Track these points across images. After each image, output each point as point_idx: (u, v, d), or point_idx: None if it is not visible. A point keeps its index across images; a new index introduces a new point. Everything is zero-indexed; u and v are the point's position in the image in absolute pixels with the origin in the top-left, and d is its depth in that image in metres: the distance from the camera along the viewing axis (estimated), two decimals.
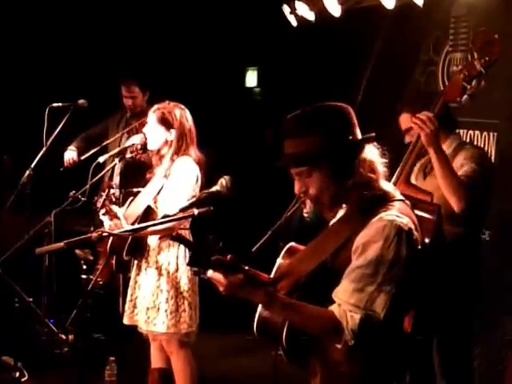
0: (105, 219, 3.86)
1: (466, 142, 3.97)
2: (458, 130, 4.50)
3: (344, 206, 2.34)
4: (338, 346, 2.23)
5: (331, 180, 2.28)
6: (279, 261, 2.52)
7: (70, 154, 5.73)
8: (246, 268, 2.28)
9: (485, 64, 3.37)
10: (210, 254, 2.23)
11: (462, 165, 3.60)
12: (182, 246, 3.95)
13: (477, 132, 4.47)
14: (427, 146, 3.51)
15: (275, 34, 6.56)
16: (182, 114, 3.97)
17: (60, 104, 4.78)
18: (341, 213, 2.37)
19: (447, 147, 3.72)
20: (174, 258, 3.95)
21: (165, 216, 2.73)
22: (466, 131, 4.58)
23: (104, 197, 3.80)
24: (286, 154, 2.32)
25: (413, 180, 3.87)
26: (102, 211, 3.81)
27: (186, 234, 4.01)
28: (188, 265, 2.28)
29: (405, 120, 3.82)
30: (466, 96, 3.50)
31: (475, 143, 4.48)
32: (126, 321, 4.08)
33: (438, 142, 3.52)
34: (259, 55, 7.13)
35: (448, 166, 3.52)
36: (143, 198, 3.98)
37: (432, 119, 3.46)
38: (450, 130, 3.77)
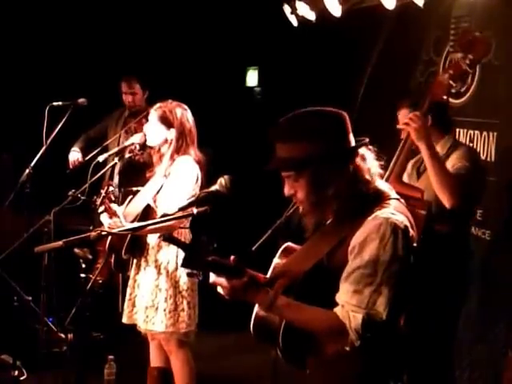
0: (104, 217, 3.86)
1: (459, 143, 4.01)
2: (458, 130, 4.51)
3: (338, 206, 2.33)
4: (347, 349, 2.22)
5: (313, 188, 2.28)
6: (276, 260, 2.53)
7: (75, 155, 5.75)
8: (248, 270, 2.28)
9: (470, 63, 3.41)
10: (204, 255, 2.22)
11: (454, 164, 3.65)
12: None
13: (477, 132, 4.47)
14: (417, 141, 3.55)
15: (276, 34, 6.57)
16: (183, 114, 3.98)
17: (60, 103, 4.78)
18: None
19: (441, 148, 3.77)
20: (173, 256, 3.95)
21: (164, 215, 2.72)
22: (465, 131, 4.58)
23: (103, 194, 3.80)
24: (277, 157, 2.31)
25: (405, 179, 3.91)
26: (101, 208, 3.81)
27: (186, 233, 4.02)
28: (182, 266, 2.27)
29: (404, 116, 3.83)
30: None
31: (475, 143, 4.49)
32: (125, 320, 4.08)
33: (428, 138, 3.56)
34: (260, 55, 7.13)
35: (439, 162, 3.56)
36: (143, 196, 3.99)
37: (418, 116, 3.53)
38: (444, 132, 3.83)
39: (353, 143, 2.33)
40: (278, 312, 2.30)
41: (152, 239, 3.99)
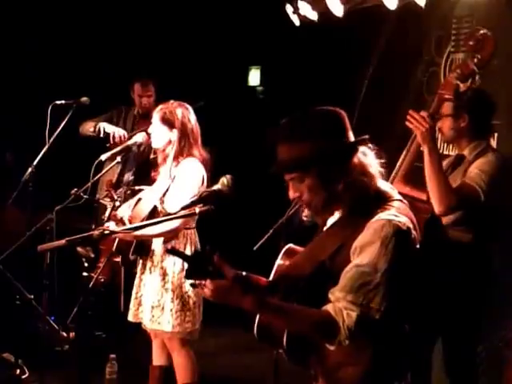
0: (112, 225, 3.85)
1: (489, 149, 3.72)
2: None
3: (341, 207, 2.34)
4: (331, 348, 2.21)
5: (322, 185, 2.28)
6: (278, 262, 2.52)
7: (120, 130, 5.38)
8: (236, 272, 2.27)
9: (478, 62, 3.39)
10: (207, 266, 2.20)
11: (471, 170, 3.57)
12: (188, 246, 3.96)
13: None
14: (422, 144, 3.50)
15: (278, 34, 6.57)
16: (185, 114, 3.98)
17: (63, 101, 4.79)
18: (338, 214, 2.36)
19: (469, 152, 3.67)
20: (179, 258, 3.94)
21: (166, 214, 2.74)
22: None
23: (110, 207, 3.78)
24: (280, 159, 2.31)
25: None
26: (109, 223, 3.77)
27: (192, 233, 4.02)
28: (186, 277, 2.26)
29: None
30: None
31: None
32: (130, 318, 4.10)
33: (433, 142, 3.50)
34: (262, 54, 7.14)
35: (438, 167, 3.49)
36: (149, 198, 3.99)
37: (426, 118, 3.46)
38: (478, 136, 3.69)
39: (352, 139, 2.33)
40: (267, 315, 2.28)
41: (157, 245, 3.97)
